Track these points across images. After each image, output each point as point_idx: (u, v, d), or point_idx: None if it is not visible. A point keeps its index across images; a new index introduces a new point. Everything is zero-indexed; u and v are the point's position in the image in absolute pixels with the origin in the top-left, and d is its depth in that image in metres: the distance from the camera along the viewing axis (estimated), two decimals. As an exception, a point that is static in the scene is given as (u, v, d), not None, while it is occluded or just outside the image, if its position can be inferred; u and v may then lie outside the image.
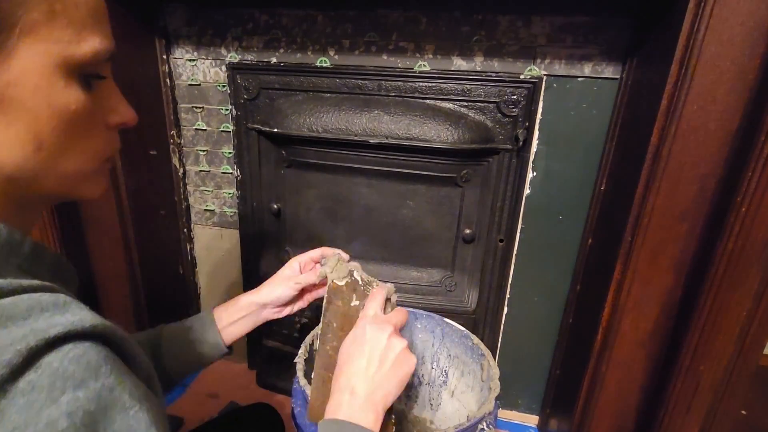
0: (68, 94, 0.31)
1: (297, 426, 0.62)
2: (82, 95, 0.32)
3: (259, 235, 1.07)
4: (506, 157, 0.87)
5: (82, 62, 0.31)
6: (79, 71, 0.32)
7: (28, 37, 0.29)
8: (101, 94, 0.35)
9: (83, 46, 0.31)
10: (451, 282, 1.00)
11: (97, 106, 0.34)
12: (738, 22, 0.57)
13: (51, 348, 0.26)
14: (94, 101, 0.34)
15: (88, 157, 0.35)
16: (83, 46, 0.31)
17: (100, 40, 0.32)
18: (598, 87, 0.80)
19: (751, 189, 0.59)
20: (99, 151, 0.36)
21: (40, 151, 0.32)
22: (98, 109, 0.35)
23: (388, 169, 0.91)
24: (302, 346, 0.70)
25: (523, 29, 0.80)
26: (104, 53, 0.33)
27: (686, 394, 0.70)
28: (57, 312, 0.28)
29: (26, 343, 0.25)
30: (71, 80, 0.31)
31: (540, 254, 0.94)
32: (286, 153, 0.97)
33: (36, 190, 0.34)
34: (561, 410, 0.97)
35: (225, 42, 0.94)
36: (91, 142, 0.35)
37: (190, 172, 1.10)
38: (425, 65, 0.86)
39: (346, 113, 0.88)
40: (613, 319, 0.76)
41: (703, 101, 0.61)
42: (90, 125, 0.34)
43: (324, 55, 0.90)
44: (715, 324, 0.66)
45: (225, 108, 1.00)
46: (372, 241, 1.00)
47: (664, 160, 0.65)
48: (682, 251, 0.69)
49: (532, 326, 1.00)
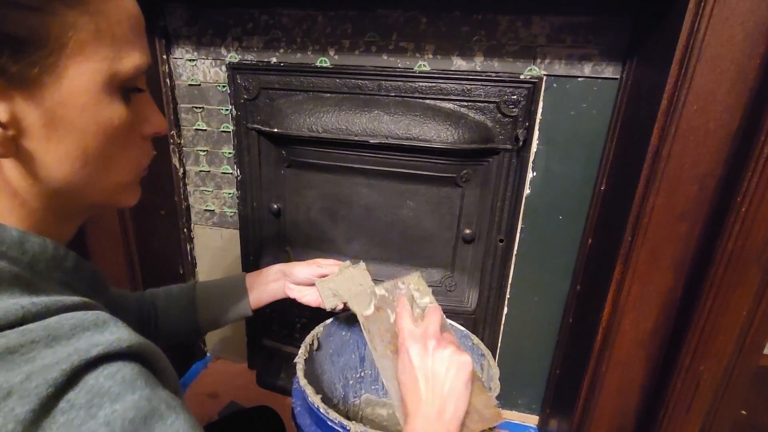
0: (112, 110, 0.32)
1: (297, 426, 0.62)
2: (124, 110, 0.33)
3: (259, 235, 1.07)
4: (506, 157, 0.87)
5: (125, 78, 0.32)
6: (121, 86, 0.33)
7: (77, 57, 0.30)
8: (137, 105, 0.36)
9: (126, 62, 0.32)
10: (451, 282, 1.00)
11: (134, 117, 0.35)
12: (738, 22, 0.57)
13: (90, 367, 0.27)
14: (132, 113, 0.35)
15: (129, 169, 0.36)
16: (126, 62, 0.32)
17: (140, 55, 0.33)
18: (598, 87, 0.80)
19: (751, 189, 0.59)
20: (137, 161, 0.37)
21: (86, 165, 0.33)
22: (135, 121, 0.36)
23: (388, 169, 0.91)
24: (302, 346, 0.70)
25: (523, 29, 0.80)
26: (144, 67, 0.34)
27: (686, 394, 0.70)
28: (97, 331, 0.29)
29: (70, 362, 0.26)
30: (115, 96, 0.32)
31: (540, 254, 0.94)
32: (286, 153, 0.97)
33: (79, 202, 0.35)
34: (561, 410, 0.97)
35: (225, 42, 0.94)
36: (131, 154, 0.36)
37: (190, 172, 1.10)
38: (425, 65, 0.86)
39: (346, 113, 0.88)
40: (613, 318, 0.76)
41: (703, 101, 0.61)
42: (129, 137, 0.35)
43: (324, 55, 0.90)
44: (715, 324, 0.66)
45: (225, 108, 1.00)
46: (372, 241, 1.00)
47: (664, 160, 0.65)
48: (682, 251, 0.69)
49: (532, 326, 1.00)
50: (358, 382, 0.88)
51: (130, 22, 0.32)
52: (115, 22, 0.31)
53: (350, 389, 0.85)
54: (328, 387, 0.78)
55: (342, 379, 0.82)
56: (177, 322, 0.65)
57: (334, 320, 0.78)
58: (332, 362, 0.79)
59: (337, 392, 0.80)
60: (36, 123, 0.30)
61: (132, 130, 0.35)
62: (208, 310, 0.67)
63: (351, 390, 0.85)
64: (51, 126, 0.30)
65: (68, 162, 0.32)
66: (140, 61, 0.33)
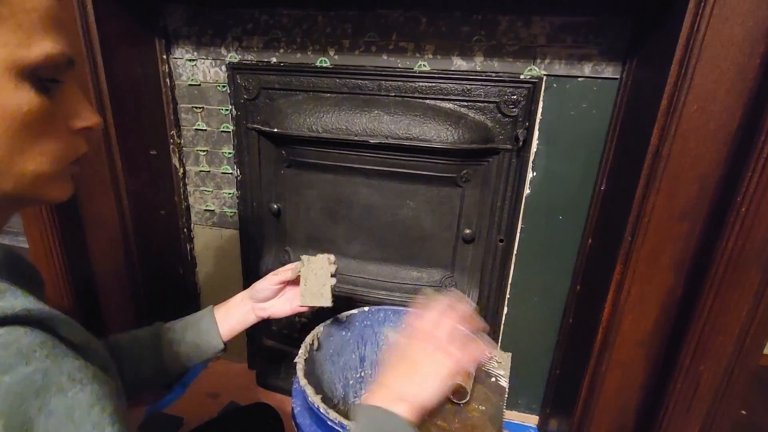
0: (19, 96, 0.32)
1: (297, 426, 0.63)
2: (36, 98, 0.33)
3: (259, 235, 1.07)
4: (506, 157, 0.87)
5: (32, 65, 0.32)
6: (32, 74, 0.32)
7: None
8: (62, 98, 0.36)
9: (33, 50, 0.32)
10: (451, 282, 1.00)
11: (57, 109, 0.35)
12: (738, 22, 0.57)
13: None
14: (54, 105, 0.34)
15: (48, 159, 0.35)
16: (33, 49, 0.32)
17: (52, 45, 0.33)
18: (598, 87, 0.80)
19: (751, 189, 0.59)
20: (60, 153, 0.36)
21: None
22: (59, 113, 0.35)
23: (388, 169, 0.91)
24: (302, 346, 0.70)
25: (523, 29, 0.80)
26: (56, 57, 0.33)
27: (686, 394, 0.70)
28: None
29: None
30: (23, 83, 0.32)
31: (540, 254, 0.94)
32: (286, 153, 0.97)
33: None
34: (561, 410, 0.97)
35: (225, 42, 0.94)
36: (51, 145, 0.35)
37: (190, 173, 1.10)
38: (425, 65, 0.86)
39: (346, 113, 0.88)
40: (613, 319, 0.76)
41: (703, 101, 0.61)
42: (48, 128, 0.35)
43: (324, 55, 0.90)
44: (715, 324, 0.66)
45: (225, 108, 1.00)
46: (372, 241, 1.00)
47: (664, 160, 0.65)
48: (682, 251, 0.69)
49: (532, 326, 1.00)
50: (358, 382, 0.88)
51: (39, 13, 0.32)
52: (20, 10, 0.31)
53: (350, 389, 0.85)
54: (328, 387, 0.78)
55: (342, 379, 0.82)
56: (141, 365, 0.61)
57: (334, 320, 0.78)
58: (332, 362, 0.79)
59: (337, 392, 0.80)
60: None
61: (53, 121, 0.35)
62: (175, 352, 0.63)
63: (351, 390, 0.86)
64: None
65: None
66: (51, 51, 0.33)
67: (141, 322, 1.06)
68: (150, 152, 1.01)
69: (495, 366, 0.67)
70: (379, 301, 0.97)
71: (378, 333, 0.88)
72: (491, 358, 0.68)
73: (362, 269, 1.02)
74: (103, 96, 0.87)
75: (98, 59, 0.84)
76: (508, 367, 0.68)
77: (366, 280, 1.01)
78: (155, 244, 1.06)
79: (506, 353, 0.70)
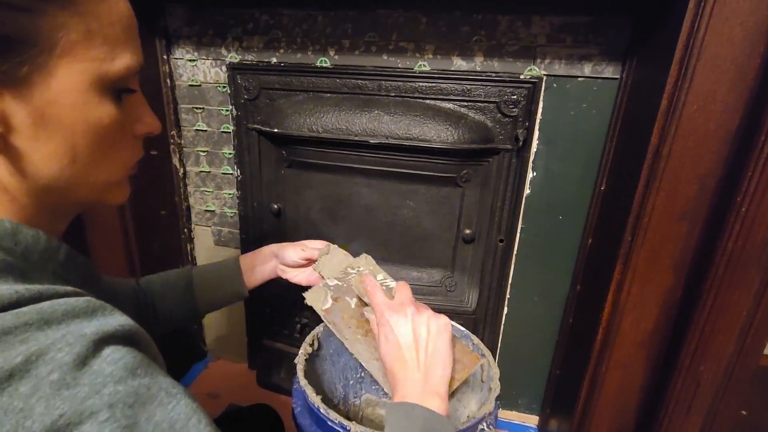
0: (102, 110, 0.33)
1: (297, 426, 0.62)
2: (114, 109, 0.34)
3: (259, 235, 1.07)
4: (506, 157, 0.87)
5: (115, 78, 0.33)
6: (112, 87, 0.33)
7: (66, 57, 0.30)
8: (129, 105, 0.36)
9: (117, 63, 0.32)
10: (451, 282, 1.00)
11: (125, 117, 0.36)
12: (738, 22, 0.57)
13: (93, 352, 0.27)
14: (123, 113, 0.35)
15: (117, 167, 0.37)
16: (117, 63, 0.32)
17: (131, 56, 0.33)
18: (598, 87, 0.80)
19: (751, 189, 0.59)
20: (127, 160, 0.38)
21: (75, 163, 0.33)
22: (126, 121, 0.36)
23: (388, 169, 0.91)
24: (302, 346, 0.70)
25: (523, 29, 0.80)
26: (136, 68, 0.34)
27: (686, 394, 0.70)
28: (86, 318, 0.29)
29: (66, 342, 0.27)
30: (105, 96, 0.33)
31: (540, 254, 0.94)
32: (286, 153, 0.97)
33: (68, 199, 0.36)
34: (561, 410, 0.97)
35: (225, 42, 0.94)
36: (120, 153, 0.37)
37: (190, 173, 1.10)
38: (425, 65, 0.86)
39: (346, 113, 0.88)
40: (613, 319, 0.76)
41: (703, 101, 0.61)
42: (119, 137, 0.36)
43: (324, 55, 0.90)
44: (715, 324, 0.66)
45: (225, 109, 1.00)
46: (372, 241, 1.00)
47: (664, 160, 0.65)
48: (682, 251, 0.69)
49: (532, 326, 1.00)
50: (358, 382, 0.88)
51: (122, 24, 0.33)
52: (106, 24, 0.31)
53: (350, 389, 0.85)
54: (329, 387, 0.78)
55: (342, 379, 0.82)
56: (175, 307, 0.68)
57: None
58: (332, 362, 0.79)
59: (337, 392, 0.80)
60: (25, 121, 0.30)
61: (123, 129, 0.36)
62: (205, 293, 0.69)
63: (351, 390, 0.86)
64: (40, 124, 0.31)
65: (56, 160, 0.32)
66: (132, 62, 0.33)
67: (141, 322, 1.06)
68: (150, 152, 1.01)
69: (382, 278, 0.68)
70: (379, 301, 0.97)
71: (378, 333, 0.88)
72: None
73: (362, 269, 1.02)
74: (103, 96, 0.87)
75: (98, 59, 0.84)
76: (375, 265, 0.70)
77: (366, 280, 1.01)
78: (155, 245, 1.06)
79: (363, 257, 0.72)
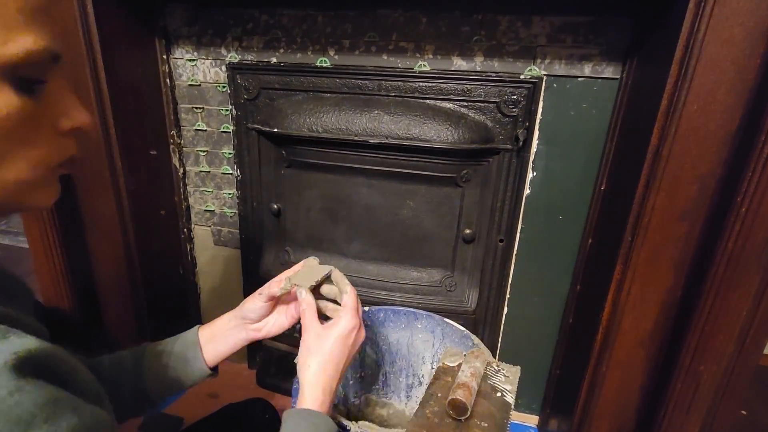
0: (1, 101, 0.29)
1: (297, 426, 0.62)
2: (17, 99, 0.29)
3: (259, 235, 1.07)
4: (506, 157, 0.87)
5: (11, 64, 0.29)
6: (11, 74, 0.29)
7: None
8: (49, 98, 0.32)
9: (11, 47, 0.28)
10: (451, 282, 1.00)
11: (42, 111, 0.32)
12: (738, 22, 0.57)
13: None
14: (39, 106, 0.31)
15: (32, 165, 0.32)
16: (11, 46, 0.28)
17: (33, 40, 0.29)
18: (598, 87, 0.80)
19: (751, 189, 0.59)
20: (46, 158, 0.33)
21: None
22: (45, 115, 0.32)
23: (388, 169, 0.91)
24: (302, 346, 0.70)
25: (523, 29, 0.80)
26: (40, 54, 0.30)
27: (686, 394, 0.70)
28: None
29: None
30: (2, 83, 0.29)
31: (540, 254, 0.94)
32: (286, 153, 0.97)
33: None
34: (561, 410, 0.97)
35: (225, 42, 0.94)
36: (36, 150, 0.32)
37: (190, 173, 1.10)
38: (425, 65, 0.86)
39: (346, 113, 0.88)
40: (613, 319, 0.76)
41: (703, 101, 0.61)
42: (31, 132, 0.31)
43: (324, 55, 0.90)
44: (715, 324, 0.66)
45: (225, 108, 1.00)
46: (372, 241, 1.00)
47: (664, 160, 0.65)
48: (682, 251, 0.69)
49: (532, 326, 1.00)
50: (358, 382, 0.88)
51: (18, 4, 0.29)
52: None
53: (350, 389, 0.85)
54: (328, 387, 0.78)
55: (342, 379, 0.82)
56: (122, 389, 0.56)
57: (334, 320, 0.78)
58: (332, 362, 0.79)
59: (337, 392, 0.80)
60: None
61: (38, 123, 0.32)
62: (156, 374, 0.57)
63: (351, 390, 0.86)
64: None
65: None
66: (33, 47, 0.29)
67: (141, 321, 1.06)
68: (150, 152, 1.01)
69: (502, 380, 0.63)
70: (379, 301, 0.97)
71: (378, 333, 0.88)
72: (498, 371, 0.65)
73: (362, 269, 1.02)
74: (103, 96, 0.87)
75: (98, 59, 0.84)
76: (515, 382, 0.63)
77: (366, 280, 1.01)
78: (155, 244, 1.06)
79: (515, 367, 0.66)
